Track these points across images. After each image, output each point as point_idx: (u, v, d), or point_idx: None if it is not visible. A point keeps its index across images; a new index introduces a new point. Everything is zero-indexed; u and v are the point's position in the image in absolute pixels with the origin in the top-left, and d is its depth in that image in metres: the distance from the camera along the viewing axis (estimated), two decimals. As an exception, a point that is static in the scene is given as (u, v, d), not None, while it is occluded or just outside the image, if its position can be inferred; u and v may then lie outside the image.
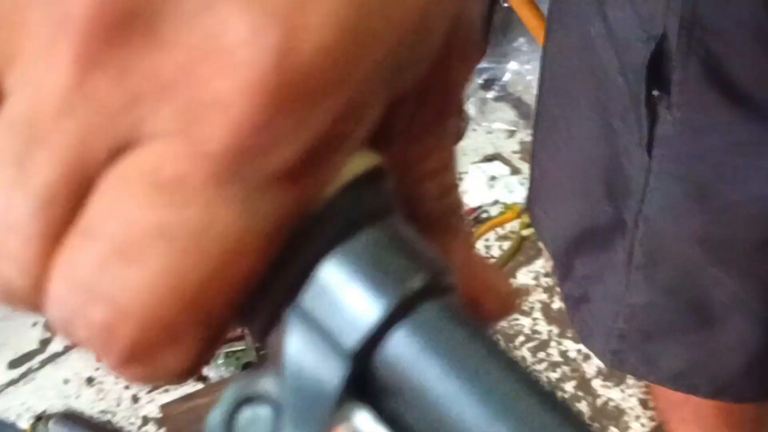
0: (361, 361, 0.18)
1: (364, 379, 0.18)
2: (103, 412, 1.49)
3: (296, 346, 0.18)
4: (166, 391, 1.48)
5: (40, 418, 1.48)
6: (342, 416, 0.18)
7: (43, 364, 1.58)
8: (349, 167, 0.18)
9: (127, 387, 1.50)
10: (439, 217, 0.22)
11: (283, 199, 0.17)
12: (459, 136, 0.22)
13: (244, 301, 0.18)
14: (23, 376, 1.57)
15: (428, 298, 0.18)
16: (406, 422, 0.19)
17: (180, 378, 0.18)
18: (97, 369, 1.54)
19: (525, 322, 1.49)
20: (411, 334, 0.18)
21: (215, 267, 0.16)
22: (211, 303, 0.17)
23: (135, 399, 1.49)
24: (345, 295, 0.18)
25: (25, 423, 1.48)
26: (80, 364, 1.56)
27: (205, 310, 0.17)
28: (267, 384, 0.18)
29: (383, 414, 0.19)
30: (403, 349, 0.18)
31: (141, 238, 0.16)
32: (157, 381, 0.18)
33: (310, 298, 0.18)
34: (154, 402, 1.47)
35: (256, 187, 0.16)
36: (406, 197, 0.21)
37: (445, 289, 0.19)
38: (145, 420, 1.46)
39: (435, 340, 0.18)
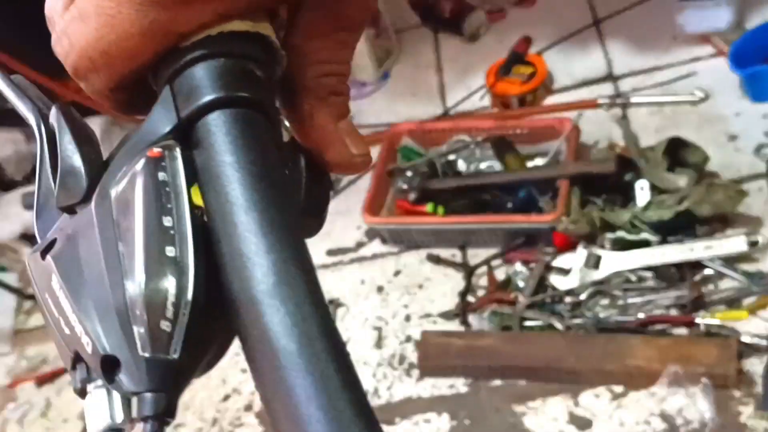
0: (183, 130, 0.28)
1: (185, 140, 0.28)
2: (379, 318, 1.74)
3: (157, 110, 0.29)
4: (434, 323, 1.68)
5: (331, 302, 1.77)
6: (164, 144, 0.28)
7: (351, 261, 1.87)
8: (233, 25, 0.28)
9: (405, 306, 1.73)
10: (314, 87, 0.32)
11: (163, 16, 0.28)
12: (350, 50, 0.31)
13: (134, 69, 0.29)
14: (333, 265, 1.87)
15: (242, 107, 0.28)
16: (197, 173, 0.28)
17: (105, 99, 0.31)
18: (389, 282, 1.79)
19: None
20: (214, 122, 0.28)
21: (118, 39, 0.28)
22: (114, 58, 0.29)
23: (407, 318, 1.72)
24: (191, 86, 0.28)
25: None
26: (378, 273, 1.82)
27: (110, 61, 0.29)
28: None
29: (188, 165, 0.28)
30: (206, 128, 0.28)
31: (91, 13, 0.29)
32: (93, 96, 0.31)
33: (176, 85, 0.28)
34: (420, 326, 1.68)
35: (149, 3, 0.27)
36: (294, 64, 0.31)
37: (261, 109, 0.28)
38: (408, 338, 1.68)
39: (212, 149, 0.27)
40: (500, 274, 1.70)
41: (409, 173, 1.83)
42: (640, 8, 2.11)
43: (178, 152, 0.28)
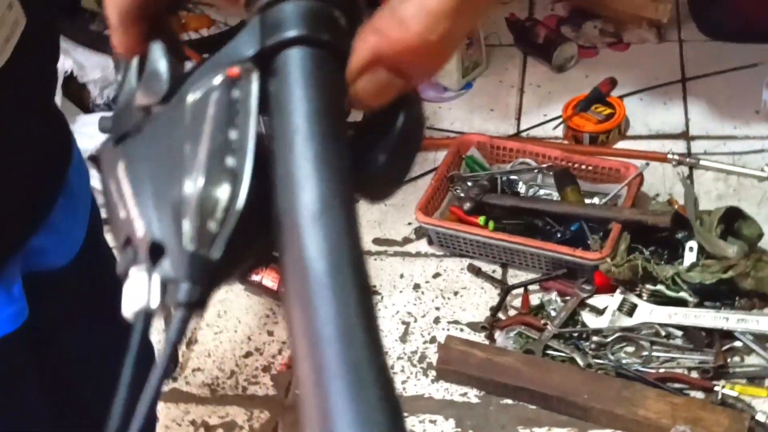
0: (264, 58, 0.29)
1: (265, 68, 0.29)
2: (410, 313, 1.78)
3: (243, 34, 0.30)
4: (461, 331, 1.73)
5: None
6: (244, 67, 0.29)
7: (395, 254, 1.92)
8: None
9: (437, 308, 1.78)
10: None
11: None
12: None
13: None
14: (377, 254, 1.92)
15: (318, 47, 0.29)
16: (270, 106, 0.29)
17: None
18: (427, 282, 1.84)
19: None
20: (293, 56, 0.29)
21: None
22: None
23: (437, 320, 1.76)
24: (279, 19, 0.29)
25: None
26: (418, 271, 1.86)
27: None
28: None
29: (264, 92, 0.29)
30: (285, 60, 0.29)
31: None
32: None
33: (266, 15, 0.29)
34: (447, 331, 1.72)
35: None
36: None
37: (339, 54, 0.29)
38: (433, 339, 1.72)
39: (288, 77, 0.28)
40: (535, 299, 1.73)
41: (469, 183, 1.87)
42: (729, 75, 2.13)
43: (254, 76, 0.29)
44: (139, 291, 0.28)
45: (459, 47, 0.36)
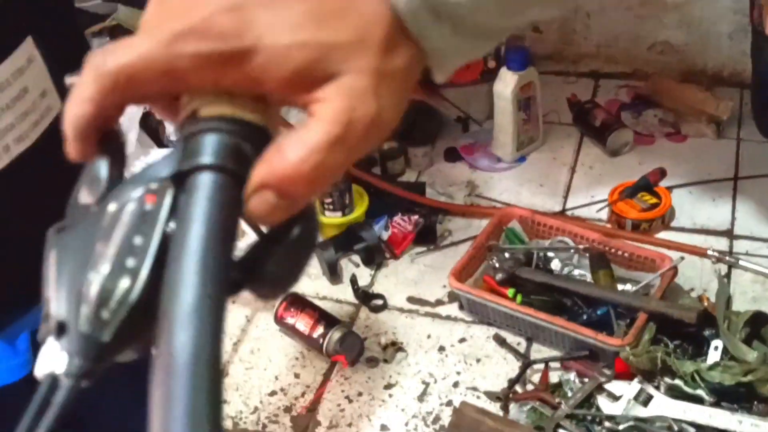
0: (181, 177, 0.34)
1: (179, 186, 0.35)
2: (431, 374, 1.83)
3: (170, 154, 0.35)
4: (477, 398, 1.77)
5: (393, 344, 1.88)
6: (162, 185, 0.34)
7: (425, 315, 1.97)
8: (240, 113, 0.35)
9: (458, 372, 1.83)
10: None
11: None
12: None
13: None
14: (409, 311, 1.98)
15: (223, 174, 0.34)
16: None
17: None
18: (452, 346, 1.88)
19: None
20: (201, 178, 0.34)
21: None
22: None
23: (455, 384, 1.81)
24: (196, 148, 0.34)
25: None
26: (445, 334, 1.91)
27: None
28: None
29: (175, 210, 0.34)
30: (195, 181, 0.34)
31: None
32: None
33: (188, 142, 0.35)
34: (464, 396, 1.77)
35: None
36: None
37: (240, 179, 0.34)
38: (449, 402, 1.77)
39: (193, 196, 0.34)
40: (554, 377, 1.76)
41: (506, 255, 1.92)
42: (783, 179, 2.14)
43: (169, 192, 0.35)
44: (48, 358, 0.34)
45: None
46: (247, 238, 0.39)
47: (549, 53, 2.60)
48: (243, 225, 0.37)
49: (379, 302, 2.01)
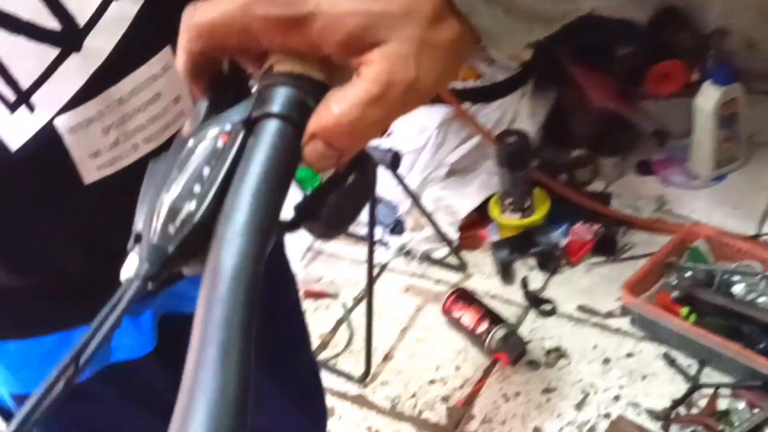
0: (252, 122, 0.39)
1: (250, 130, 0.39)
2: (592, 385, 1.80)
3: (246, 102, 0.40)
4: (637, 415, 1.71)
5: (556, 350, 1.86)
6: (236, 127, 0.39)
7: (594, 325, 1.93)
8: (309, 70, 0.40)
9: (621, 387, 1.78)
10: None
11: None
12: None
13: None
14: (578, 320, 1.95)
15: (286, 122, 0.39)
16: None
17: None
18: (618, 360, 1.84)
19: None
20: (268, 124, 0.39)
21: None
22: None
23: (616, 398, 1.76)
24: (268, 98, 0.39)
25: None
26: (612, 346, 1.87)
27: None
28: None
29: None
30: (262, 126, 0.39)
31: None
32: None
33: (262, 92, 0.40)
34: (623, 411, 1.72)
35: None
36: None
37: (300, 128, 0.39)
38: (607, 415, 1.73)
39: (258, 139, 0.39)
40: (722, 404, 1.68)
41: (686, 274, 1.85)
42: None
43: (240, 135, 0.40)
44: (129, 265, 0.39)
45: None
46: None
47: (762, 71, 2.46)
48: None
49: (548, 307, 2.00)
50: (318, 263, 2.32)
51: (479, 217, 2.23)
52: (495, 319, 1.92)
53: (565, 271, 2.09)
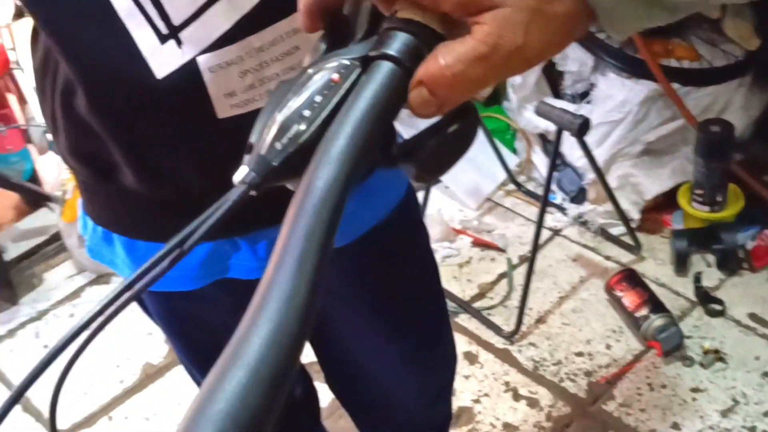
0: (368, 60, 0.42)
1: (365, 67, 0.42)
2: (744, 394, 1.73)
3: (365, 41, 0.44)
4: (752, 430, 1.64)
5: (715, 352, 1.79)
6: (351, 62, 0.42)
7: (763, 336, 1.85)
8: (427, 20, 0.42)
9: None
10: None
11: None
12: None
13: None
14: (747, 327, 1.86)
15: (398, 66, 0.41)
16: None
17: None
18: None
19: None
20: (381, 65, 0.42)
21: None
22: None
23: (766, 414, 1.69)
24: (386, 40, 0.42)
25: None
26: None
27: None
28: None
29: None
30: (376, 66, 0.42)
31: None
32: None
33: (382, 34, 0.43)
34: (751, 429, 1.65)
35: None
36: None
37: (410, 74, 0.41)
38: (753, 429, 1.66)
39: (371, 77, 0.41)
40: None
41: None
42: None
43: (355, 72, 0.43)
44: (240, 172, 0.43)
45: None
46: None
47: None
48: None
49: (718, 307, 1.92)
50: (493, 215, 2.34)
51: (665, 201, 2.16)
52: (657, 306, 1.87)
53: (744, 275, 2.00)
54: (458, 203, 2.37)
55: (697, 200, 2.05)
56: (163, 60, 0.72)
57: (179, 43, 0.72)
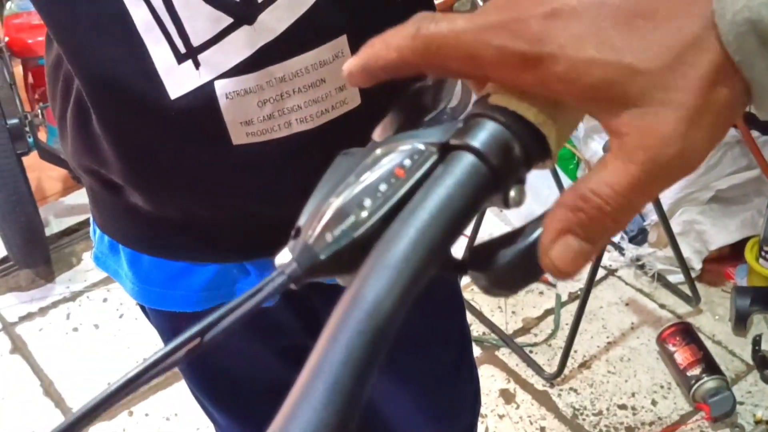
0: (447, 148, 0.36)
1: (443, 156, 0.36)
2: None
3: (447, 124, 0.37)
4: None
5: None
6: (428, 147, 0.36)
7: None
8: (526, 112, 0.35)
9: None
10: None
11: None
12: None
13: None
14: None
15: (482, 162, 0.35)
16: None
17: None
18: None
19: None
20: (460, 158, 0.35)
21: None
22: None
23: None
24: (471, 128, 0.35)
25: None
26: None
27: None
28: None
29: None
30: (453, 156, 0.35)
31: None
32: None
33: (468, 120, 0.36)
34: None
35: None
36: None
37: (494, 173, 0.35)
38: None
39: (448, 170, 0.35)
40: None
41: None
42: None
43: (431, 160, 0.36)
44: (283, 255, 0.37)
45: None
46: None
47: None
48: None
49: (776, 375, 1.81)
50: (546, 246, 2.25)
51: (730, 254, 2.05)
52: (711, 367, 1.76)
53: (808, 344, 1.88)
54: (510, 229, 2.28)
55: (765, 257, 1.93)
56: (178, 80, 0.68)
57: (197, 64, 0.68)
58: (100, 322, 2.14)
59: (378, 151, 0.37)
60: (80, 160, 0.82)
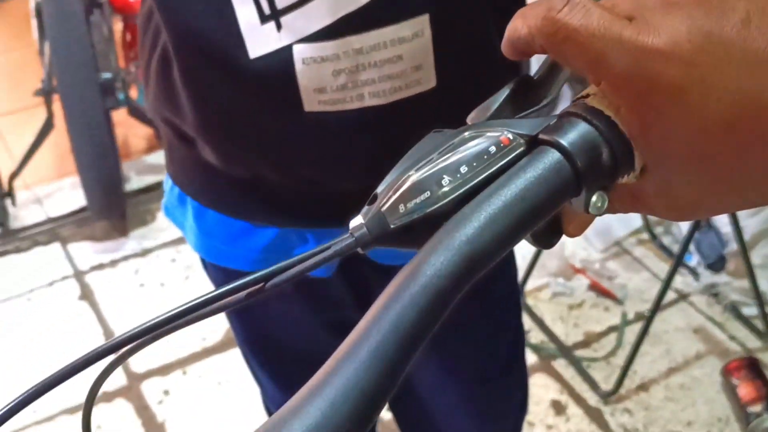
0: (535, 142, 0.36)
1: (529, 148, 0.36)
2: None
3: (540, 119, 0.37)
4: None
5: None
6: (517, 139, 0.36)
7: None
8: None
9: None
10: None
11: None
12: None
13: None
14: None
15: (568, 162, 0.34)
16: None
17: None
18: None
19: None
20: (546, 153, 0.35)
21: None
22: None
23: None
24: (563, 126, 0.35)
25: None
26: None
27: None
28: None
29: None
30: (539, 151, 0.35)
31: None
32: None
33: (563, 117, 0.36)
34: None
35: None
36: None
37: (578, 174, 0.34)
38: None
39: (531, 163, 0.35)
40: None
41: None
42: None
43: (517, 151, 0.36)
44: (356, 219, 0.38)
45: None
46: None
47: None
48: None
49: (844, 424, 1.73)
50: (617, 262, 2.19)
51: (812, 293, 1.96)
52: (775, 406, 1.70)
53: None
54: (583, 240, 2.23)
55: None
56: (259, 40, 0.69)
57: (279, 26, 0.69)
58: (166, 281, 2.18)
59: (466, 134, 0.38)
60: (159, 110, 0.84)
